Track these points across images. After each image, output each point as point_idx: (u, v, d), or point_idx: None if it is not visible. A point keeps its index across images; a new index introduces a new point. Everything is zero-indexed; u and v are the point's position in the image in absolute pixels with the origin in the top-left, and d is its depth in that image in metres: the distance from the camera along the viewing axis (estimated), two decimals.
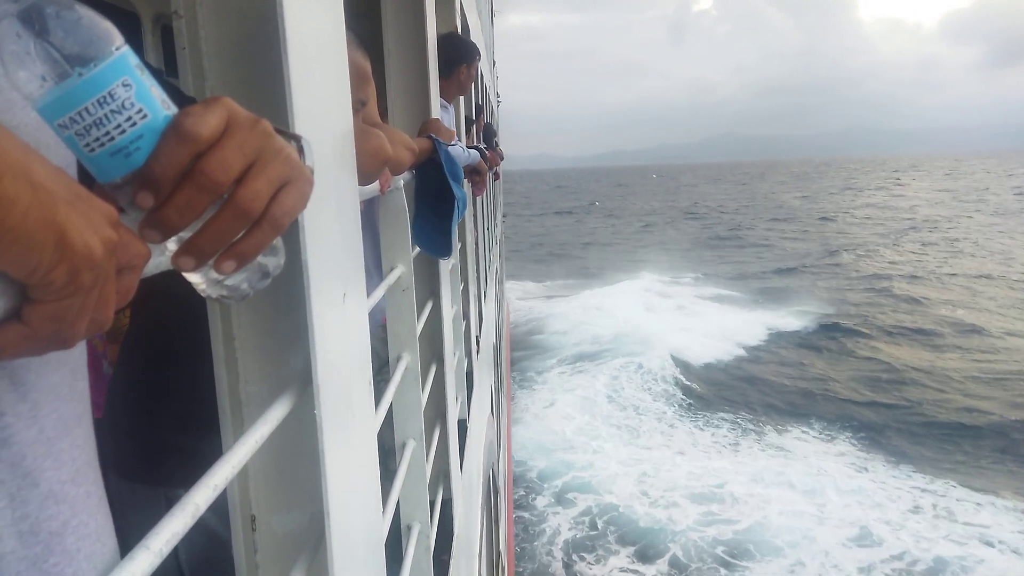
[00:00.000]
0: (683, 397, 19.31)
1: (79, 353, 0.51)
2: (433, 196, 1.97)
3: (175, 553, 1.25)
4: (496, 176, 8.49)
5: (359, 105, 1.46)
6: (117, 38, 0.42)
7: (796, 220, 64.11)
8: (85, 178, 0.44)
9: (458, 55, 3.32)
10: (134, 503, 1.22)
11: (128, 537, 0.53)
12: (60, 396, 0.47)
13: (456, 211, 1.98)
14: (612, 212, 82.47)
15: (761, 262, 41.66)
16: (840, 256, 41.03)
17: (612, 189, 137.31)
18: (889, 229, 53.59)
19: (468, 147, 2.69)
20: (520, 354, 22.64)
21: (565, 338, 24.57)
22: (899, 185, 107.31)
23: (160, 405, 1.26)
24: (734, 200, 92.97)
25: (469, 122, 5.29)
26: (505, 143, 12.33)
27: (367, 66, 1.53)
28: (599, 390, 19.63)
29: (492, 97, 12.07)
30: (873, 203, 78.22)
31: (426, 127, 2.06)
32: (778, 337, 24.44)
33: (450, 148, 2.00)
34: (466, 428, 3.10)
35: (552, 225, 69.20)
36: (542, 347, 23.89)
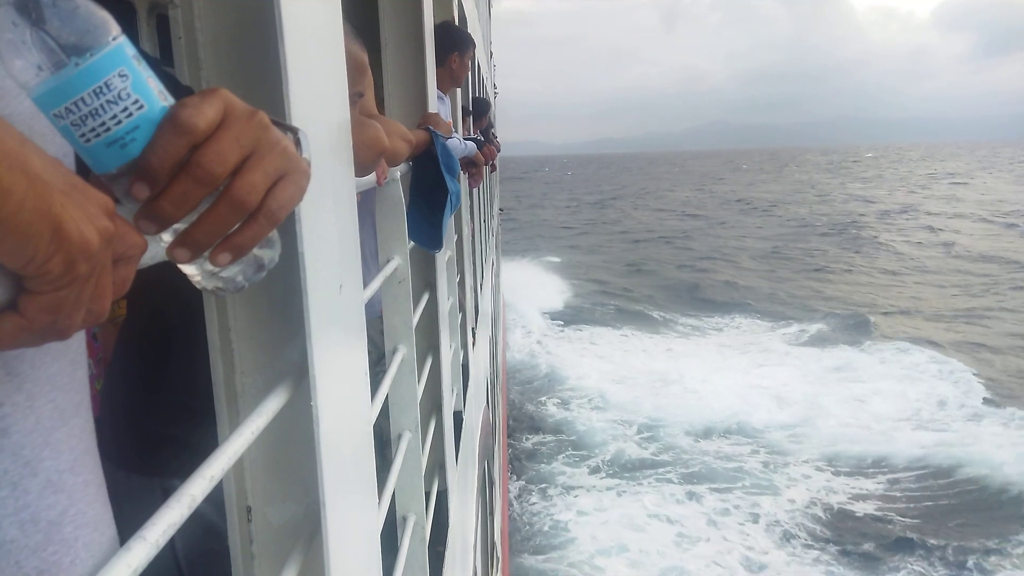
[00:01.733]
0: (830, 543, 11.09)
1: (78, 343, 0.51)
2: (428, 189, 1.97)
3: (171, 544, 1.25)
4: (493, 168, 8.47)
5: (356, 97, 1.46)
6: (114, 28, 0.41)
7: (899, 215, 48.67)
8: (81, 168, 0.43)
9: (450, 43, 3.29)
10: (131, 494, 1.21)
11: (125, 528, 0.54)
12: (57, 386, 0.47)
13: (449, 205, 1.98)
14: (647, 205, 68.22)
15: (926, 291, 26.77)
16: None
17: (628, 176, 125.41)
18: None
19: (465, 138, 2.68)
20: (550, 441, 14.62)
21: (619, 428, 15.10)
22: (951, 175, 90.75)
23: (157, 396, 1.26)
24: (777, 189, 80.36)
25: (466, 112, 5.28)
26: (496, 130, 12.09)
27: (364, 57, 1.53)
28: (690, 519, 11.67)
29: (489, 88, 12.03)
30: (960, 196, 63.35)
31: (425, 120, 2.05)
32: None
33: (447, 141, 2.00)
34: (462, 420, 3.10)
35: (595, 218, 57.23)
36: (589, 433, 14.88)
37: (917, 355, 18.53)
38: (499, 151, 8.07)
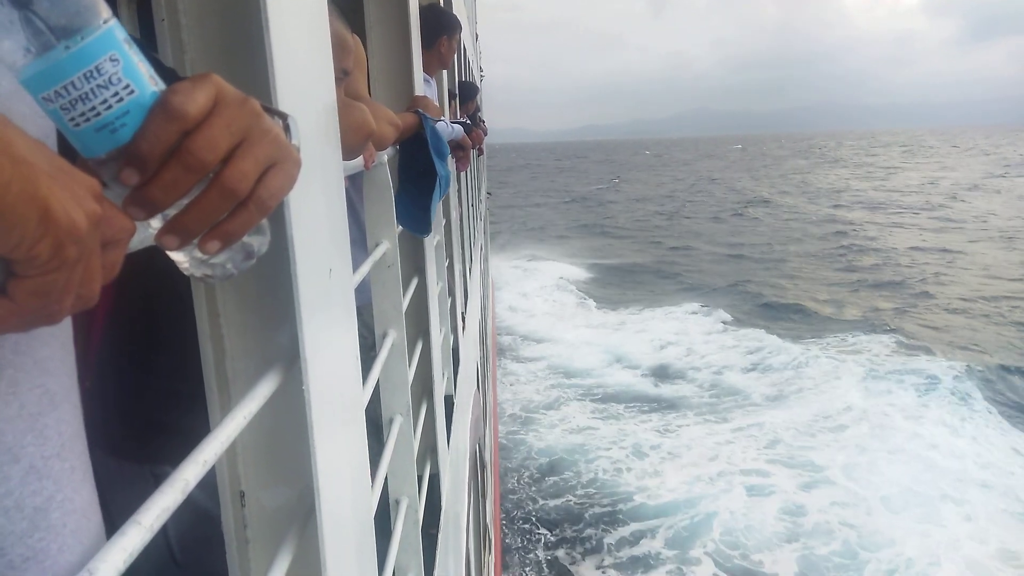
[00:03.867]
0: None
1: (68, 328, 0.51)
2: (417, 172, 1.96)
3: (163, 531, 1.25)
4: (480, 152, 8.44)
5: (341, 74, 1.45)
6: (104, 10, 0.41)
7: None
8: (65, 151, 0.43)
9: (439, 26, 3.29)
10: (121, 480, 1.21)
11: (114, 515, 0.53)
12: (47, 371, 0.47)
13: (438, 188, 1.97)
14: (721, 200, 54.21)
15: None
16: None
17: (643, 165, 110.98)
18: None
19: (452, 122, 2.67)
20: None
21: None
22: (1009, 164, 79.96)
23: (147, 382, 1.25)
24: (845, 175, 71.17)
25: (452, 95, 5.24)
26: (483, 114, 11.79)
27: (348, 36, 1.51)
28: None
29: (475, 71, 11.95)
30: None
31: (414, 103, 2.04)
32: None
33: (436, 125, 1.99)
34: (453, 403, 3.11)
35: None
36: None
37: None
38: (486, 135, 8.03)
